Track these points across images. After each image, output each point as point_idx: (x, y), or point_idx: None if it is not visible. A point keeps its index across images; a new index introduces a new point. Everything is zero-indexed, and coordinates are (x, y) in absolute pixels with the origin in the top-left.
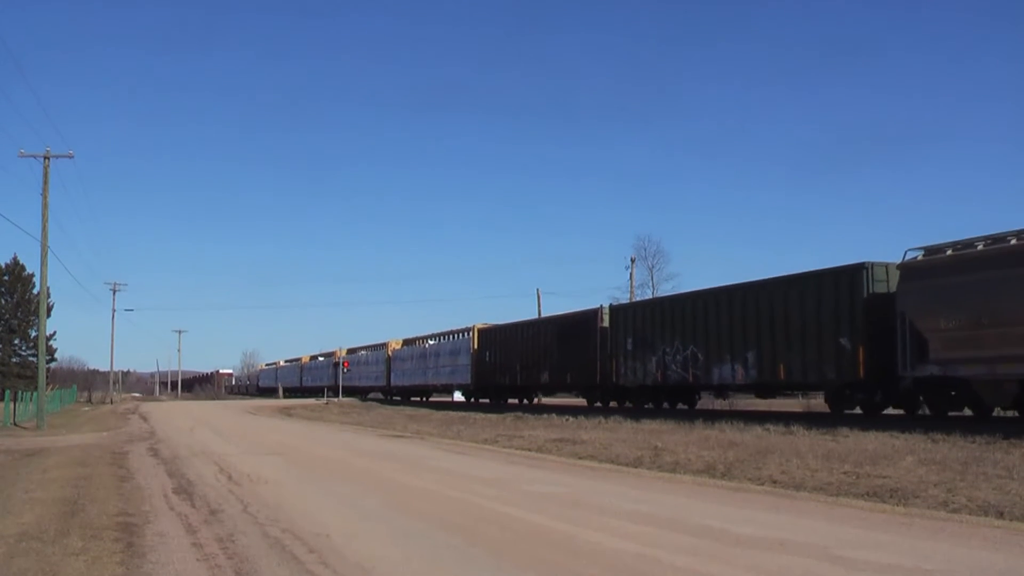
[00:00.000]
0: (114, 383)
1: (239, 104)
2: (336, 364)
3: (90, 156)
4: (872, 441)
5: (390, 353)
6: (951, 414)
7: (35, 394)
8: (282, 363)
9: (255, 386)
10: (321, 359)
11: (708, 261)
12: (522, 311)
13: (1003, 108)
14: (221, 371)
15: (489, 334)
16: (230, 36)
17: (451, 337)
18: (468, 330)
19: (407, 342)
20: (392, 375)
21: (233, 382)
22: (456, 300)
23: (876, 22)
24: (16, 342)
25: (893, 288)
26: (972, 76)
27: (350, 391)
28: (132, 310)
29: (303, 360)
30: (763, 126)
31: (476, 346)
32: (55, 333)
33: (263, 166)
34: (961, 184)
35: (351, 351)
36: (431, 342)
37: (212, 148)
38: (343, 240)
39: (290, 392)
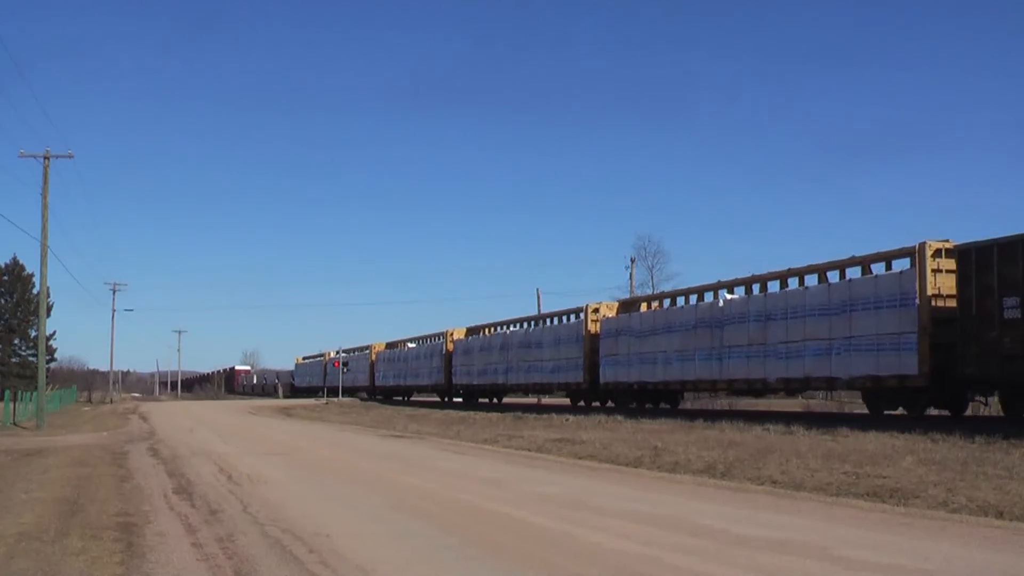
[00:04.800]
0: (114, 383)
1: (238, 104)
2: (446, 353)
3: (90, 156)
4: (872, 441)
5: (592, 326)
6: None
7: (35, 394)
8: (332, 354)
9: (287, 384)
10: (411, 346)
11: (708, 260)
12: (521, 312)
13: (999, 114)
14: (237, 368)
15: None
16: (229, 38)
17: (764, 288)
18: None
19: (627, 305)
20: (603, 365)
21: (253, 380)
22: (456, 300)
23: (875, 28)
24: (16, 342)
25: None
26: (968, 83)
27: (471, 393)
28: (132, 310)
29: (375, 349)
30: (763, 128)
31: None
32: (55, 333)
33: (262, 166)
34: (954, 187)
35: (473, 331)
36: (729, 296)
37: (211, 148)
38: (342, 240)
39: (351, 391)
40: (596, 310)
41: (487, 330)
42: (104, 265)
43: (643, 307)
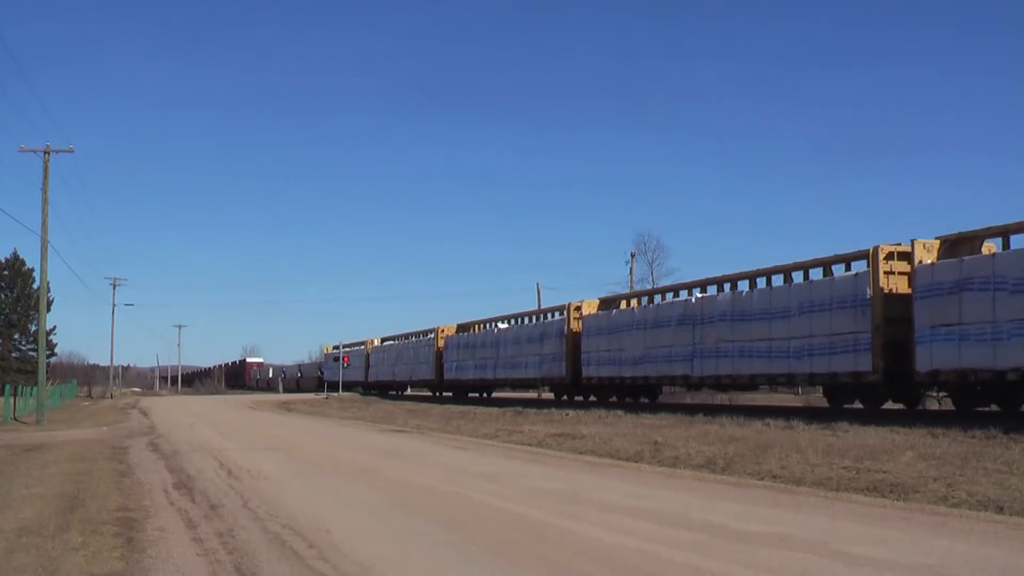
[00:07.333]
0: (114, 378)
1: (239, 100)
2: (569, 335)
3: (90, 153)
4: (872, 436)
5: (886, 280)
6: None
7: (35, 389)
8: (375, 342)
9: (313, 378)
10: (503, 327)
11: (708, 255)
12: (522, 307)
13: (992, 115)
14: (248, 360)
15: None
16: (228, 38)
17: None
18: None
19: (962, 243)
20: (925, 342)
21: (269, 374)
22: (456, 296)
23: (875, 28)
24: (16, 337)
25: None
26: (966, 83)
27: (613, 388)
28: (132, 305)
29: (442, 333)
30: (761, 127)
31: None
32: (55, 328)
33: (263, 161)
34: (953, 187)
35: (608, 303)
36: None
37: (212, 143)
38: (342, 235)
39: (402, 386)
40: (896, 254)
41: (627, 302)
42: (104, 260)
43: (986, 248)
